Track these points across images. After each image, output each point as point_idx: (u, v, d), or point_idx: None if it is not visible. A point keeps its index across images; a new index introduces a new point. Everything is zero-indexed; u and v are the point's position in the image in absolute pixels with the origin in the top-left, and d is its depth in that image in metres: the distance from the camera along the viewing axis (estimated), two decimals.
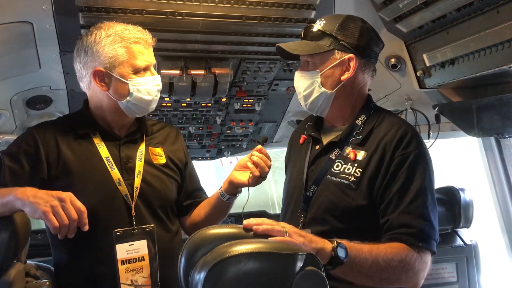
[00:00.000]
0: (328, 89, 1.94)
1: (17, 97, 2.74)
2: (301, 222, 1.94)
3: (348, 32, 1.91)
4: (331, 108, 1.99)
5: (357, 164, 1.88)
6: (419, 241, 1.76)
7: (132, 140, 2.16)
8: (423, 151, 1.88)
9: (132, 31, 2.03)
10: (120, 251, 1.99)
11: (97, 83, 2.02)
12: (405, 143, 1.84)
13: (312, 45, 1.95)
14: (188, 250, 1.38)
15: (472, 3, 1.98)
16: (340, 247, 1.64)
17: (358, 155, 1.89)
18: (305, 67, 2.00)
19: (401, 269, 1.73)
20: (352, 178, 1.87)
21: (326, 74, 1.94)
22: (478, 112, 2.55)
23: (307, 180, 2.00)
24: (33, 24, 2.24)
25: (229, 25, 2.40)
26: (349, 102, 1.99)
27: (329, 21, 1.96)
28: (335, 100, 1.96)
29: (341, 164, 1.92)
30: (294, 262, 1.25)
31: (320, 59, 1.94)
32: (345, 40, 1.91)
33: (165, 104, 3.06)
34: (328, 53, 1.93)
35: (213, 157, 3.83)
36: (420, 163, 1.84)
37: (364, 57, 1.94)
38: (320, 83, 1.94)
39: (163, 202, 2.15)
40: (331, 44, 1.92)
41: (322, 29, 1.94)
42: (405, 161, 1.82)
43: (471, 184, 3.57)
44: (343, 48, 1.91)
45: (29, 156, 2.01)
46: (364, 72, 1.97)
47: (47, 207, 1.75)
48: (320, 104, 1.97)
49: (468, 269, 3.20)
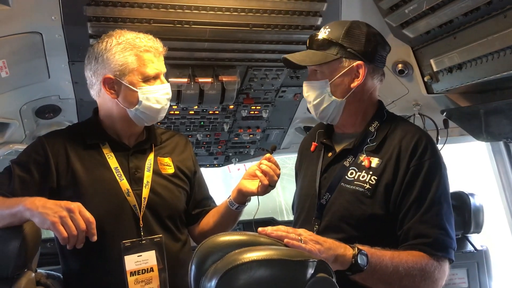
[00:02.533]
0: (338, 97, 1.93)
1: (26, 106, 2.77)
2: (315, 230, 1.92)
3: (355, 39, 1.90)
4: (342, 116, 1.98)
5: (372, 171, 1.87)
6: (436, 250, 1.76)
7: (141, 150, 2.16)
8: (438, 158, 1.87)
9: (143, 40, 2.03)
10: (129, 263, 1.99)
11: (106, 91, 2.02)
12: (420, 151, 1.83)
13: (319, 54, 1.94)
14: (198, 258, 1.37)
15: (479, 8, 1.97)
16: (361, 254, 1.63)
17: (372, 162, 1.88)
18: (313, 77, 1.99)
19: (421, 278, 1.72)
20: (367, 186, 1.85)
21: (335, 82, 1.93)
22: (486, 116, 2.53)
23: (320, 188, 1.98)
24: (43, 34, 2.27)
25: (236, 33, 2.42)
26: (360, 108, 1.98)
27: (334, 28, 1.94)
28: (346, 108, 1.95)
29: (355, 171, 1.90)
30: (305, 269, 1.24)
31: (328, 68, 1.93)
32: (352, 47, 1.90)
33: (173, 112, 3.08)
34: (336, 62, 1.92)
35: (221, 164, 3.84)
36: (436, 171, 1.83)
37: (372, 62, 1.93)
38: (330, 92, 1.93)
39: (172, 212, 2.15)
40: (338, 52, 1.91)
41: (327, 37, 1.93)
42: (421, 170, 1.81)
43: (481, 189, 3.55)
44: (350, 55, 1.90)
45: (39, 165, 2.02)
46: (373, 77, 1.96)
47: (56, 218, 1.77)
48: (331, 112, 1.96)
49: (479, 274, 3.16)
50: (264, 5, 2.30)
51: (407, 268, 1.70)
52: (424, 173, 1.81)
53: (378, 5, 2.32)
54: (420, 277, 1.71)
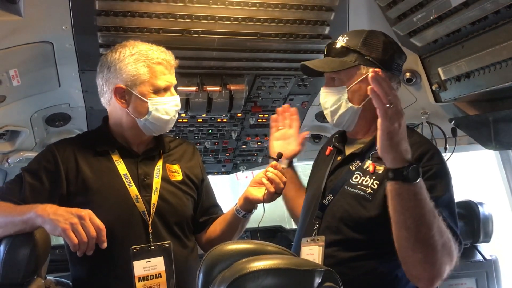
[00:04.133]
0: (355, 104, 1.95)
1: (37, 114, 2.79)
2: (315, 230, 1.94)
3: (372, 47, 1.93)
4: (357, 123, 1.99)
5: (375, 176, 1.88)
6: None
7: (149, 157, 2.17)
8: (445, 167, 1.87)
9: (156, 52, 2.05)
10: (137, 268, 1.99)
11: (117, 100, 2.05)
12: (426, 159, 1.83)
13: (337, 61, 1.96)
14: (206, 266, 1.38)
15: (486, 17, 1.97)
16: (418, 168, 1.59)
17: (378, 169, 1.89)
18: (330, 83, 2.01)
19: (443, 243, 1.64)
20: (368, 190, 1.86)
21: (353, 89, 1.95)
22: (495, 125, 2.53)
23: (325, 189, 2.00)
24: (53, 44, 2.30)
25: (244, 42, 2.44)
26: (375, 115, 1.96)
27: (352, 37, 1.97)
28: (362, 115, 1.97)
29: (360, 176, 1.92)
30: (312, 278, 1.24)
31: (346, 75, 1.95)
32: (370, 55, 1.92)
33: (182, 120, 3.10)
34: (353, 69, 1.94)
35: (229, 171, 3.85)
36: (442, 176, 1.82)
37: (390, 70, 1.95)
38: (347, 98, 1.95)
39: (180, 218, 2.16)
40: (356, 59, 1.93)
41: (346, 45, 1.96)
42: (427, 173, 1.78)
43: (490, 198, 3.53)
44: (368, 63, 1.92)
45: (49, 172, 2.04)
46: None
47: (67, 225, 1.78)
48: (347, 119, 1.98)
49: (488, 284, 3.14)
50: (272, 15, 2.31)
51: (439, 226, 1.63)
52: (430, 175, 1.78)
53: (386, 14, 2.33)
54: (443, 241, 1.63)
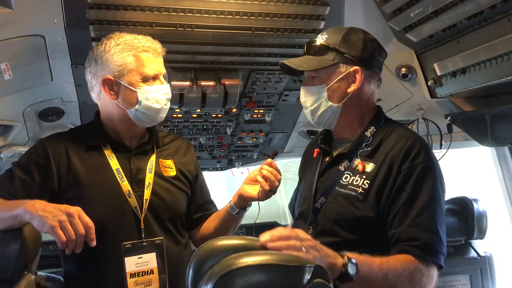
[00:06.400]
0: (335, 103, 1.94)
1: (29, 109, 2.77)
2: (310, 234, 1.90)
3: (351, 45, 1.92)
4: (338, 121, 1.98)
5: (365, 176, 1.87)
6: (426, 254, 1.73)
7: (142, 152, 2.16)
8: (432, 164, 1.85)
9: (142, 40, 2.05)
10: (129, 264, 1.99)
11: (106, 92, 2.03)
12: (413, 155, 1.82)
13: (317, 60, 1.96)
14: (196, 262, 1.37)
15: (482, 11, 1.96)
16: (351, 263, 1.61)
17: (367, 167, 1.88)
18: (310, 82, 2.01)
19: (409, 284, 1.70)
20: (360, 190, 1.85)
21: (332, 88, 1.94)
22: (491, 121, 2.51)
23: (316, 191, 1.99)
24: (45, 37, 2.28)
25: (238, 36, 2.42)
26: (357, 113, 1.99)
27: (331, 34, 1.97)
28: (343, 113, 1.96)
29: (350, 175, 1.91)
30: (301, 274, 1.22)
31: (326, 73, 1.94)
32: (349, 53, 1.91)
33: (176, 115, 3.08)
34: (333, 67, 1.93)
35: (224, 167, 3.85)
36: (428, 175, 1.81)
37: (369, 68, 1.95)
38: (327, 97, 1.94)
39: (173, 214, 2.14)
40: (335, 57, 1.93)
41: (325, 43, 1.95)
42: (412, 174, 1.80)
43: (485, 195, 3.52)
44: (347, 61, 1.92)
45: (40, 167, 2.02)
46: (370, 82, 1.97)
47: (55, 222, 1.77)
48: (328, 117, 1.98)
49: (482, 281, 3.13)
50: (266, 9, 2.30)
51: (396, 275, 1.68)
52: (415, 176, 1.80)
53: (381, 9, 2.31)
54: (408, 283, 1.69)
